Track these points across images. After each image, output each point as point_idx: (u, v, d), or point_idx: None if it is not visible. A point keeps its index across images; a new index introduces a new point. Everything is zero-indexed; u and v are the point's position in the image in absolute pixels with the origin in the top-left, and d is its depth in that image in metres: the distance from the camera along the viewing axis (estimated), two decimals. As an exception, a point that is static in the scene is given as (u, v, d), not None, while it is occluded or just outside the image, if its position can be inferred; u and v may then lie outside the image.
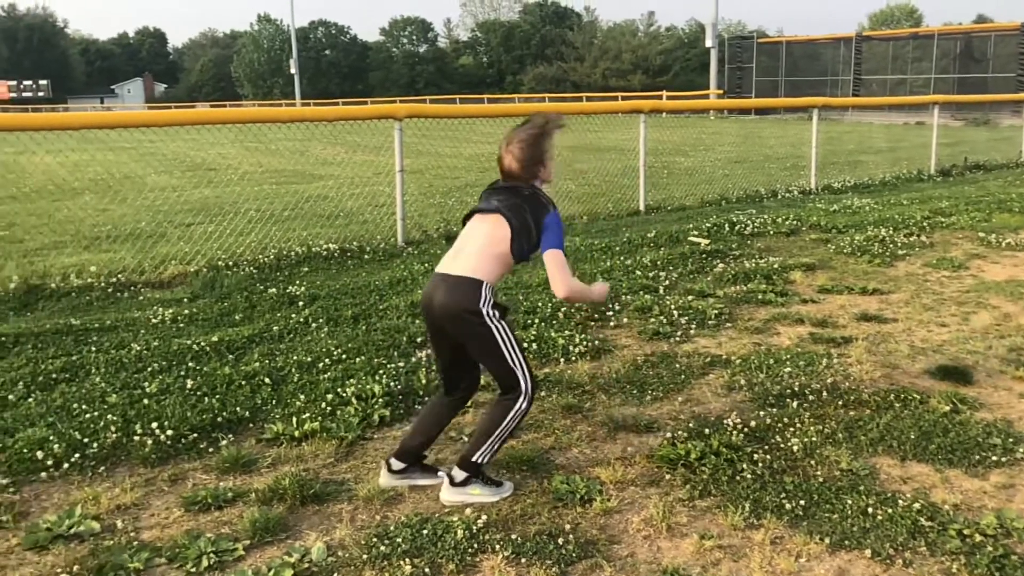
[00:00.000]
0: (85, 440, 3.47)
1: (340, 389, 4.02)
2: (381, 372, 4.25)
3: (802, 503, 2.97)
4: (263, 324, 5.13)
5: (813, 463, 3.29)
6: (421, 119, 8.98)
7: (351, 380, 4.13)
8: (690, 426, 3.64)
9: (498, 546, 2.74)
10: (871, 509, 2.93)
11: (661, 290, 5.93)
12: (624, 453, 3.44)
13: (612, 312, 5.39)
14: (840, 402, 3.89)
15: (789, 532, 2.82)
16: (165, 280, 6.34)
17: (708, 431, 3.52)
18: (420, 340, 4.77)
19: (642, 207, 9.71)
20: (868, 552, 2.69)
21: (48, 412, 3.79)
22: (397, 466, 3.16)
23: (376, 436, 3.65)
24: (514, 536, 2.80)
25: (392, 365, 4.38)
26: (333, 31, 78.34)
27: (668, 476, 3.22)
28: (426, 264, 6.62)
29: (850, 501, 2.99)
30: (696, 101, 28.55)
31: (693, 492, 3.09)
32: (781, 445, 3.44)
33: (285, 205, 9.77)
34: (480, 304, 2.88)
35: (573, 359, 4.55)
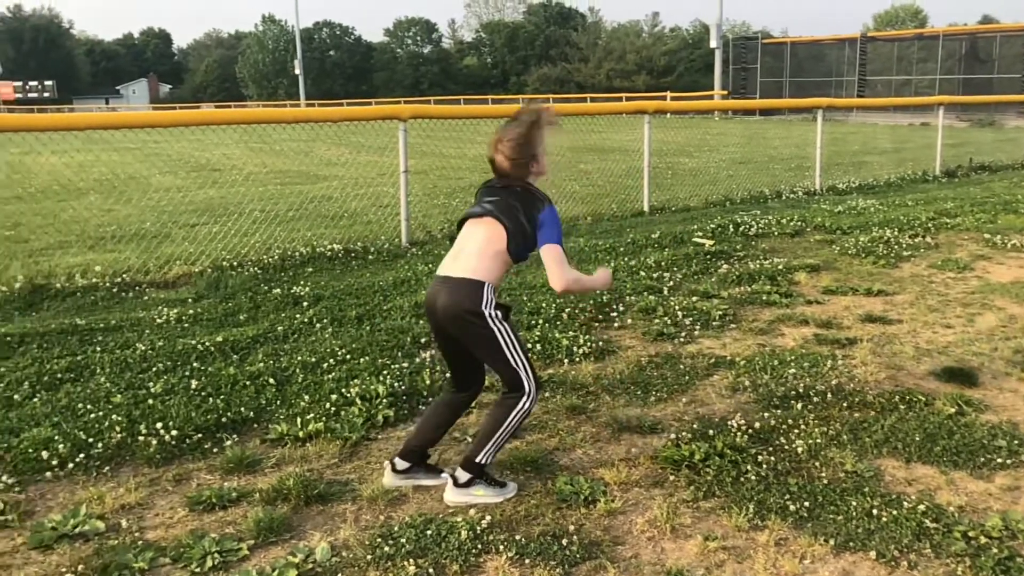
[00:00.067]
0: (90, 440, 3.48)
1: (344, 389, 4.02)
2: (385, 372, 4.25)
3: (806, 505, 2.97)
4: (267, 324, 5.14)
5: (818, 464, 3.29)
6: (425, 120, 8.98)
7: (355, 380, 4.14)
8: (694, 427, 3.63)
9: (502, 547, 2.74)
10: (876, 511, 2.92)
11: (665, 291, 5.93)
12: (628, 454, 3.44)
13: (616, 313, 5.39)
14: (845, 404, 3.89)
15: (794, 533, 2.82)
16: (170, 280, 6.35)
17: (712, 432, 3.52)
18: (424, 341, 4.78)
19: (646, 208, 9.71)
20: (873, 554, 2.69)
21: (53, 412, 3.80)
22: (401, 466, 3.17)
23: (380, 436, 3.65)
24: (518, 537, 2.80)
25: (396, 366, 4.38)
26: (337, 32, 78.54)
27: (672, 477, 3.22)
28: (430, 265, 6.62)
29: (855, 503, 2.98)
30: (700, 102, 28.57)
31: (697, 493, 3.08)
32: (785, 446, 3.43)
33: (289, 206, 9.79)
34: (482, 305, 2.88)
35: (577, 360, 4.55)
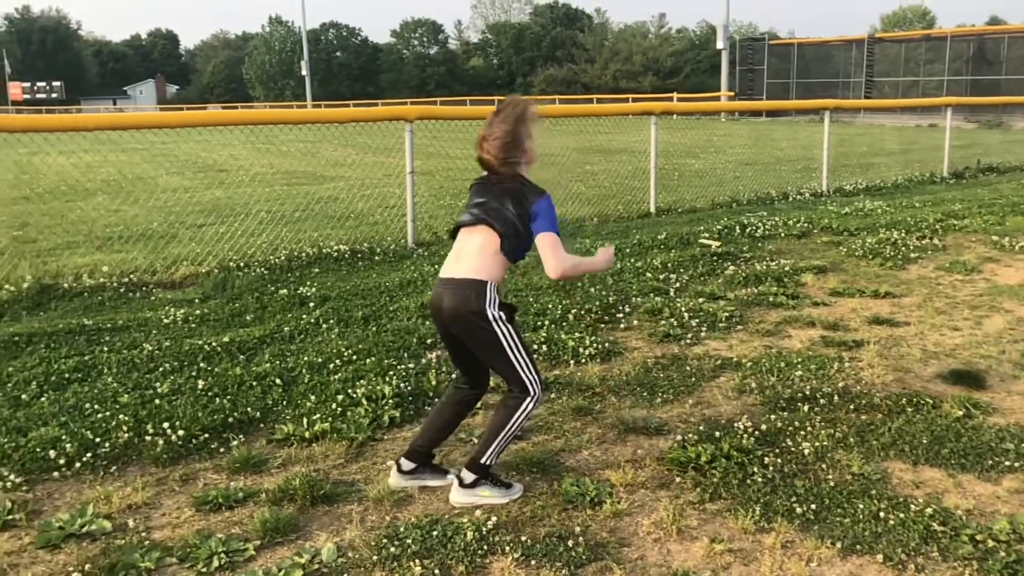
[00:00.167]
0: (97, 440, 3.49)
1: (350, 390, 4.03)
2: (391, 373, 4.26)
3: (813, 507, 2.96)
4: (274, 325, 5.15)
5: (824, 467, 3.28)
6: (431, 121, 8.97)
7: (361, 381, 4.15)
8: (700, 429, 3.63)
9: (508, 548, 2.74)
10: (883, 514, 2.91)
11: (672, 292, 5.92)
12: (634, 456, 3.44)
13: (622, 314, 5.39)
14: (852, 406, 3.88)
15: (800, 536, 2.81)
16: (177, 281, 6.37)
17: (719, 434, 3.51)
18: (430, 341, 4.78)
19: (653, 209, 9.70)
20: (880, 557, 2.68)
21: (61, 411, 3.82)
22: (407, 467, 3.17)
23: (386, 437, 3.65)
24: (524, 538, 2.80)
25: (402, 366, 4.39)
26: (344, 33, 78.64)
27: (678, 479, 3.22)
28: (436, 265, 6.63)
29: (862, 505, 2.97)
30: (707, 103, 28.52)
31: (703, 495, 3.08)
32: (792, 449, 3.42)
33: (296, 206, 9.81)
34: (486, 305, 2.88)
35: (583, 361, 4.54)
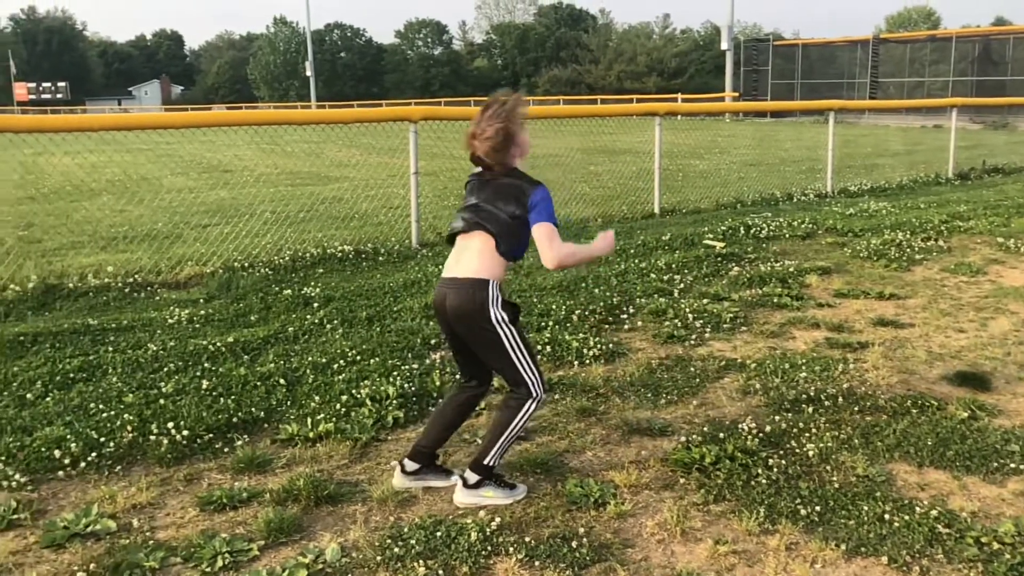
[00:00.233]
0: (102, 439, 3.49)
1: (354, 390, 4.03)
2: (395, 374, 4.26)
3: (818, 509, 2.95)
4: (278, 325, 5.16)
5: (829, 469, 3.27)
6: (436, 121, 8.98)
7: (365, 381, 4.15)
8: (705, 430, 3.62)
9: (512, 549, 2.74)
10: (888, 516, 2.90)
11: (676, 293, 5.91)
12: (638, 457, 3.43)
13: (626, 315, 5.38)
14: (856, 408, 3.87)
15: (804, 538, 2.81)
16: (181, 281, 6.38)
17: (723, 435, 3.51)
18: (434, 342, 4.78)
19: (657, 210, 9.70)
20: (885, 559, 2.67)
21: (66, 411, 3.82)
22: (411, 467, 3.17)
23: (390, 437, 3.66)
24: (528, 539, 2.80)
25: (406, 367, 4.39)
26: (348, 33, 78.73)
27: (682, 480, 3.21)
28: (440, 266, 6.61)
29: (866, 507, 2.97)
30: (711, 104, 28.51)
31: (708, 497, 3.07)
32: (796, 450, 3.42)
33: (300, 207, 9.82)
34: (489, 305, 2.89)
35: (587, 362, 4.54)
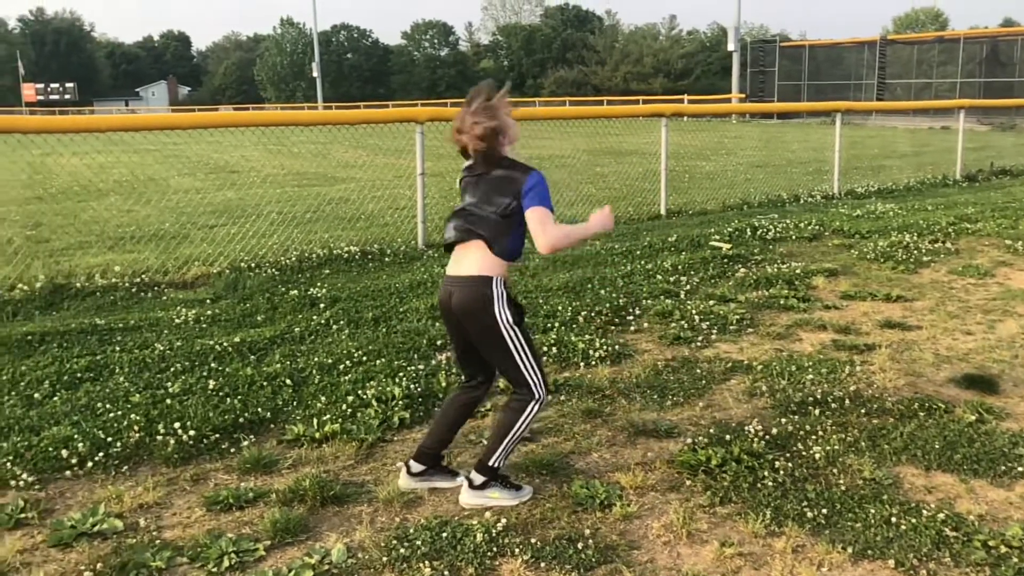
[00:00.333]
0: (109, 439, 3.50)
1: (360, 391, 4.03)
2: (401, 374, 4.26)
3: (824, 511, 2.94)
4: (284, 325, 5.16)
5: (835, 471, 3.26)
6: (442, 122, 8.97)
7: (371, 382, 4.15)
8: (711, 432, 3.61)
9: (517, 550, 2.74)
10: (895, 519, 2.89)
11: (682, 295, 5.91)
12: (644, 458, 3.43)
13: (632, 317, 5.38)
14: (863, 410, 3.85)
15: (811, 541, 2.80)
16: (188, 281, 6.40)
17: (729, 437, 3.50)
18: (440, 343, 4.78)
19: (663, 211, 9.68)
20: (892, 562, 2.66)
21: (73, 411, 3.84)
22: (416, 468, 3.17)
23: (396, 438, 3.66)
24: (533, 540, 2.79)
25: (412, 367, 4.39)
26: (355, 35, 78.90)
27: (688, 482, 3.21)
28: (445, 267, 6.62)
29: (873, 510, 2.96)
30: (718, 105, 28.48)
31: (714, 499, 3.07)
32: (803, 453, 3.41)
33: (307, 207, 9.84)
34: (495, 302, 2.89)
35: (593, 363, 4.54)
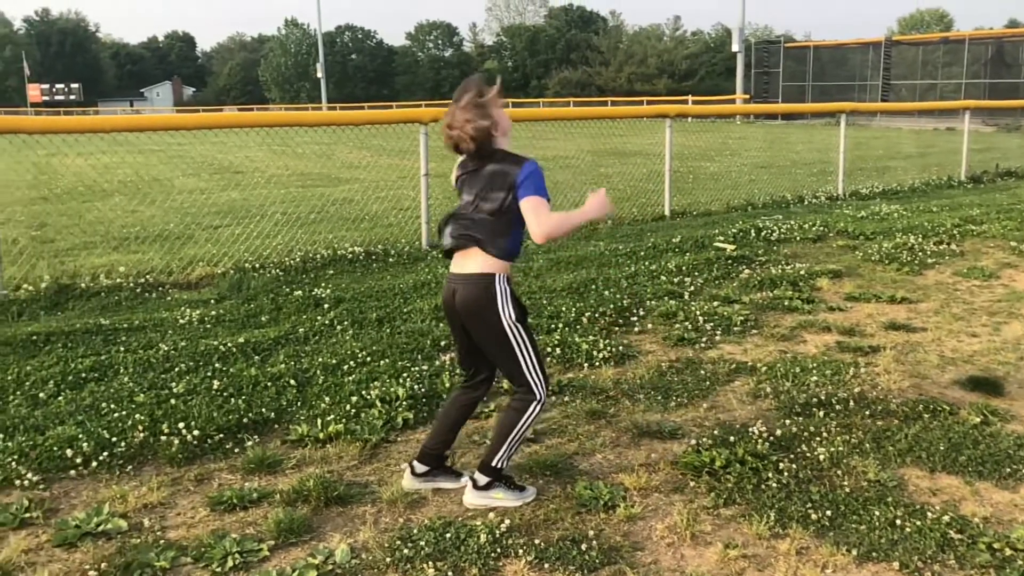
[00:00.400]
0: (113, 439, 3.51)
1: (364, 391, 4.04)
2: (405, 375, 4.26)
3: (828, 513, 2.94)
4: (289, 326, 5.17)
5: (840, 473, 3.25)
6: (446, 123, 8.99)
7: (375, 383, 4.15)
8: (715, 433, 3.61)
9: (521, 551, 2.74)
10: (899, 521, 2.89)
11: (686, 296, 5.90)
12: (648, 459, 3.42)
13: (636, 318, 5.37)
14: (868, 412, 3.85)
15: (815, 542, 2.79)
16: (192, 281, 6.41)
17: (733, 439, 3.50)
18: (444, 343, 4.78)
19: (667, 212, 9.68)
20: (896, 564, 2.66)
21: (77, 411, 3.84)
22: (420, 469, 3.17)
23: (400, 439, 3.66)
24: (537, 541, 2.79)
25: (416, 368, 4.39)
26: (359, 36, 79.03)
27: (692, 483, 3.20)
28: (449, 267, 6.63)
29: (878, 512, 2.95)
30: (722, 106, 28.45)
31: (718, 500, 3.06)
32: (807, 454, 3.40)
33: (311, 208, 9.85)
34: (499, 299, 2.89)
35: (597, 364, 4.53)
